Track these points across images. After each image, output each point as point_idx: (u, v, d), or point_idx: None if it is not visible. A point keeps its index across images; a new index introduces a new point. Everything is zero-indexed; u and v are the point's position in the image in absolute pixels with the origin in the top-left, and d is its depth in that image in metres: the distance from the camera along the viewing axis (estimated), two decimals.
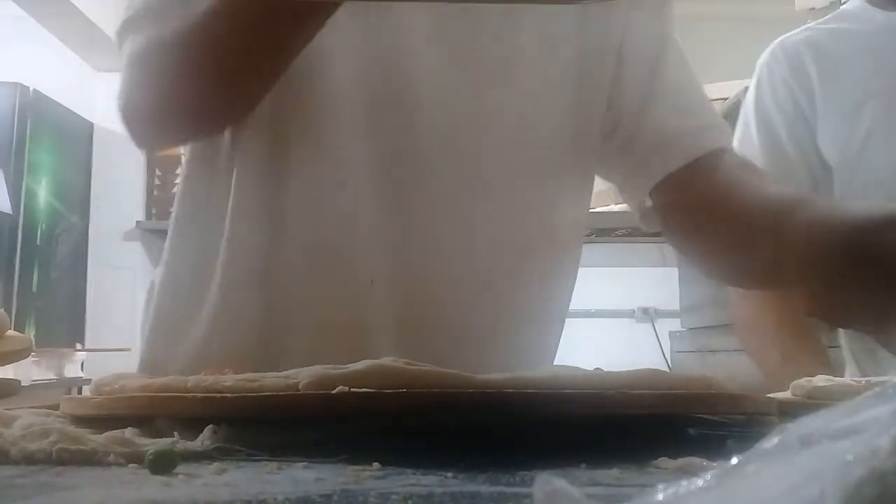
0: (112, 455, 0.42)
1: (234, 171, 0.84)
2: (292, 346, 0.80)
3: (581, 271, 0.94)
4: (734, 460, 0.22)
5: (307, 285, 0.81)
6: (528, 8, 0.85)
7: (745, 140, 1.24)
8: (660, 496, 0.21)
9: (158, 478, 0.37)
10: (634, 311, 3.88)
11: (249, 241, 0.82)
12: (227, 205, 0.83)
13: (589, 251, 1.00)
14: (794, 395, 0.64)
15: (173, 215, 0.90)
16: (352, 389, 0.45)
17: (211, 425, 0.46)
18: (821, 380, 0.65)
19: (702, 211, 0.88)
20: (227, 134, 0.84)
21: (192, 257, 0.87)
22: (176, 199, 0.91)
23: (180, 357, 0.82)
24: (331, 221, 0.82)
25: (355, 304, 0.81)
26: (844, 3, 1.32)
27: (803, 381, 0.65)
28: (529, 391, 0.47)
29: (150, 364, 0.86)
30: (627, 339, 3.79)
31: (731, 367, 2.02)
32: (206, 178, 0.87)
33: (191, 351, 0.83)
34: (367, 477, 0.37)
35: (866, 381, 0.64)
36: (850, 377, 0.88)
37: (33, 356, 2.80)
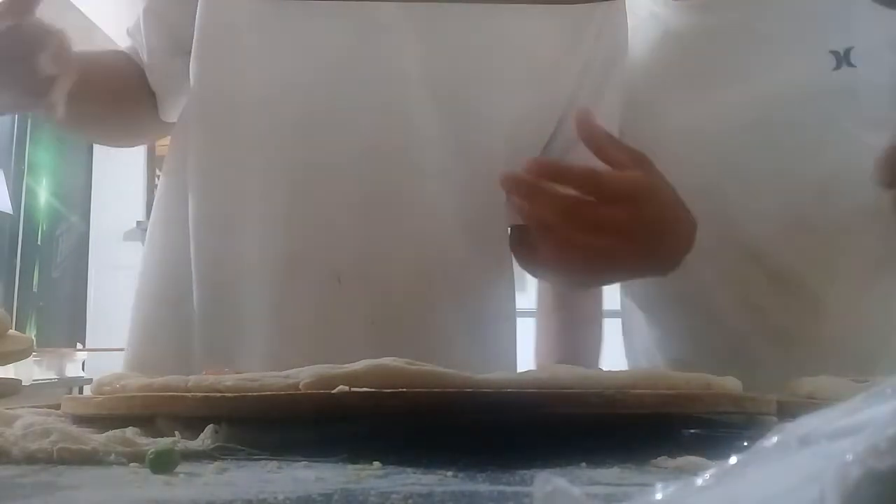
0: (113, 454, 0.42)
1: (194, 176, 0.87)
2: (260, 346, 0.81)
3: None
4: (733, 460, 0.22)
5: (273, 285, 0.82)
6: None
7: None
8: (659, 495, 0.21)
9: (159, 477, 0.37)
10: None
11: (215, 245, 0.85)
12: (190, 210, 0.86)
13: None
14: (793, 394, 0.64)
15: (150, 221, 0.95)
16: (352, 389, 0.45)
17: (212, 425, 0.46)
18: (821, 380, 0.65)
19: None
20: (188, 143, 0.88)
21: (165, 262, 0.90)
22: (153, 206, 0.95)
23: (158, 361, 0.84)
24: (296, 222, 0.83)
25: (323, 302, 0.82)
26: None
27: (804, 380, 0.65)
28: (529, 391, 0.47)
29: (133, 367, 0.88)
30: None
31: None
32: (176, 185, 0.89)
33: (169, 355, 0.85)
34: (368, 476, 0.37)
35: (862, 381, 0.64)
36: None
37: (34, 356, 2.80)
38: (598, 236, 0.74)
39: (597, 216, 0.74)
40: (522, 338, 0.96)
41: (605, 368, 0.75)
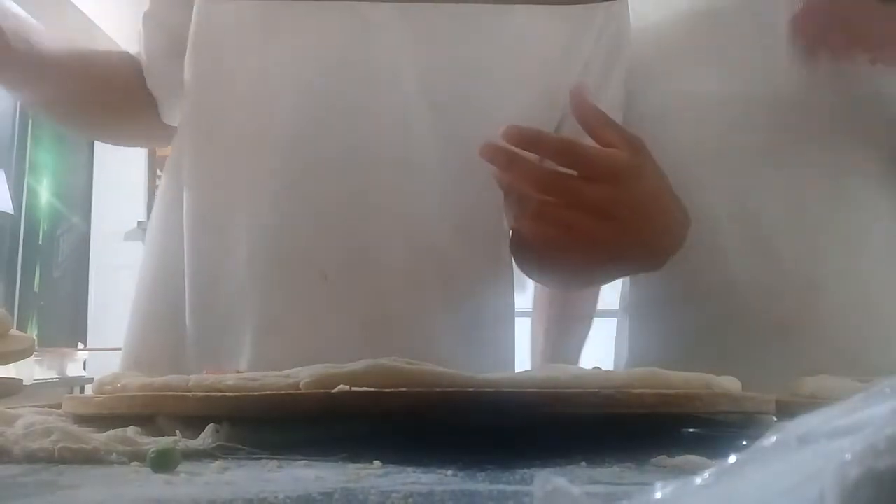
0: (114, 454, 0.42)
1: (188, 176, 0.87)
2: (249, 346, 0.81)
3: None
4: (732, 459, 0.22)
5: (262, 285, 0.82)
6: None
7: None
8: (658, 494, 0.21)
9: (160, 476, 0.38)
10: None
11: (206, 244, 0.85)
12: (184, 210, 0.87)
13: None
14: (795, 394, 0.65)
15: (150, 221, 0.95)
16: (352, 389, 0.45)
17: (212, 424, 0.46)
18: (823, 379, 0.65)
19: None
20: (186, 143, 0.89)
21: (162, 261, 0.90)
22: (154, 206, 0.95)
23: (156, 360, 0.84)
24: (286, 222, 0.83)
25: (312, 302, 0.82)
26: None
27: (806, 380, 0.65)
28: (529, 391, 0.47)
29: (128, 366, 0.88)
30: None
31: None
32: (175, 185, 0.90)
33: (164, 355, 0.85)
34: (368, 475, 0.38)
35: (865, 380, 0.64)
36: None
37: (35, 355, 2.80)
38: (575, 213, 0.71)
39: (573, 190, 0.71)
40: (523, 339, 0.96)
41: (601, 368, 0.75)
